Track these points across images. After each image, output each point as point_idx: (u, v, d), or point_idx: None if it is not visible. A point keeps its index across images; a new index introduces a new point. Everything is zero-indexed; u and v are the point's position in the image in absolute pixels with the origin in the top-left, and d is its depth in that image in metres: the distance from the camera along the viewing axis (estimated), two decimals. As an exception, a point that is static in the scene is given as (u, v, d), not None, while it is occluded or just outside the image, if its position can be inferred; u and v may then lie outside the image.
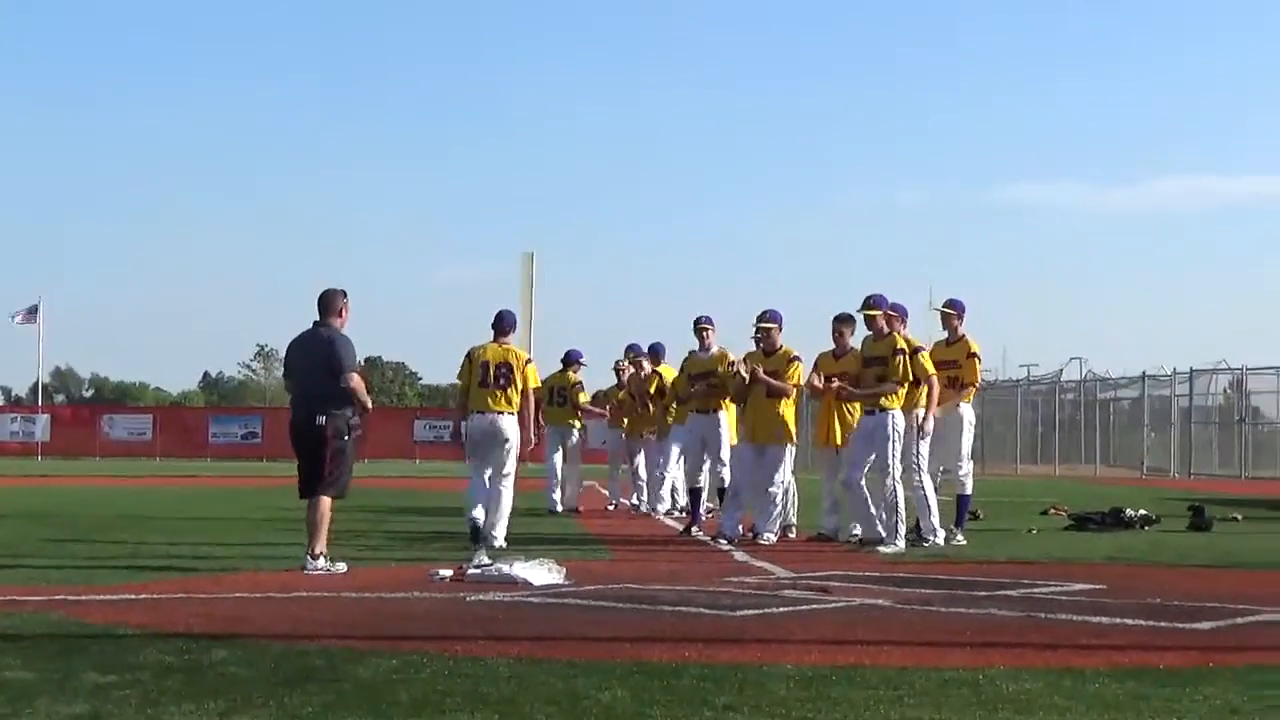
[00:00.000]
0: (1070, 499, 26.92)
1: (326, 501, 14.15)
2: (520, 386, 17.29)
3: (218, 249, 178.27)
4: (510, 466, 17.26)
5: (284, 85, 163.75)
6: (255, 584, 12.83)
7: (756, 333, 18.19)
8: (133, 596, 11.72)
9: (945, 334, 18.20)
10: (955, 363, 17.74)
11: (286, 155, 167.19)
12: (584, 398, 25.12)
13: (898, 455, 17.00)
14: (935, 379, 17.26)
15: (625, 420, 25.20)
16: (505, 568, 12.90)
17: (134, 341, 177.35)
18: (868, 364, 17.36)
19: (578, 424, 24.96)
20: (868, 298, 17.46)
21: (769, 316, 18.14)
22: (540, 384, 18.97)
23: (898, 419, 17.08)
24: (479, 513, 17.20)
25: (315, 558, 13.93)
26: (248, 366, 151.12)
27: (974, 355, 17.85)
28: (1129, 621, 10.23)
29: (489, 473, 17.21)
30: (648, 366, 24.16)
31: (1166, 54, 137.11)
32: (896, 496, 16.95)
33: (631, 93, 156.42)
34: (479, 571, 13.03)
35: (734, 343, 19.51)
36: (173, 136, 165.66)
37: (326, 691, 7.35)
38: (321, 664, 8.21)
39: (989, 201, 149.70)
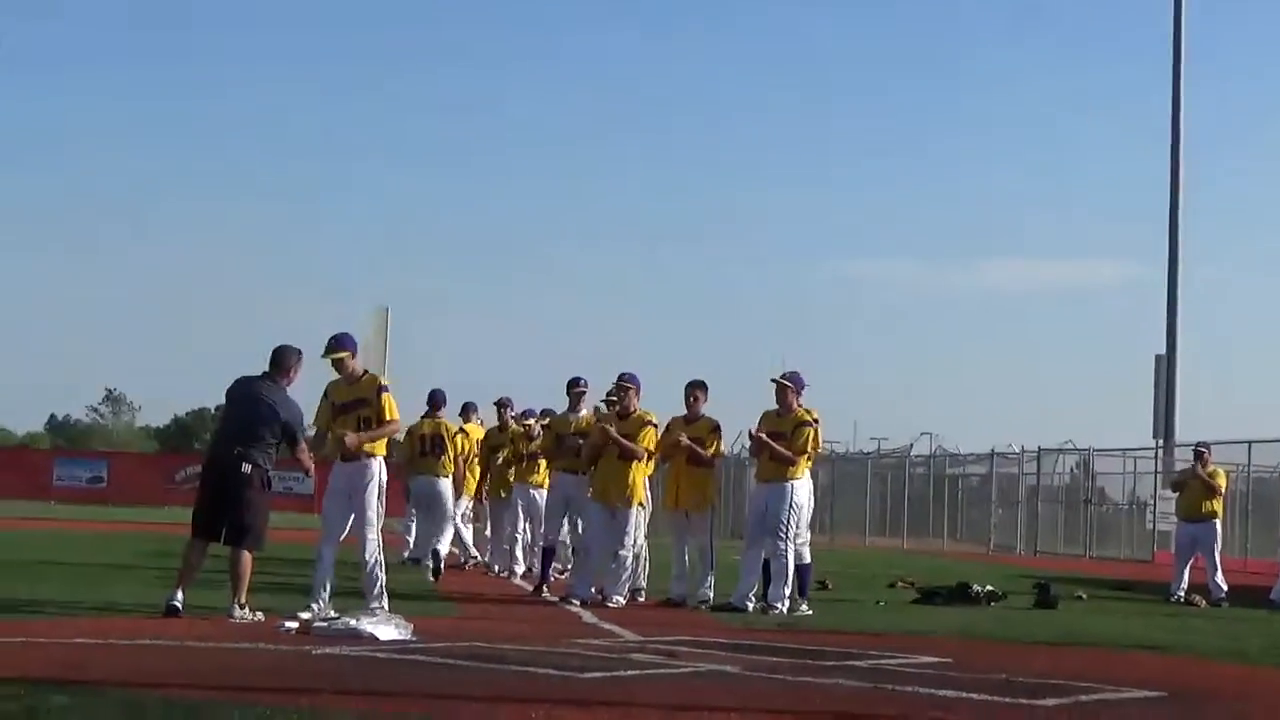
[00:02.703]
0: (918, 572, 27.04)
1: (249, 555, 14.21)
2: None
3: (65, 290, 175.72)
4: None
5: (134, 136, 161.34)
6: (98, 630, 12.63)
7: (613, 393, 18.29)
8: (-30, 639, 11.50)
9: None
10: (784, 434, 17.69)
11: (132, 205, 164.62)
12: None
13: (792, 522, 17.47)
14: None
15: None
16: (352, 622, 12.80)
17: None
18: (772, 437, 17.61)
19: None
20: (785, 373, 17.97)
21: (627, 378, 18.21)
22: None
23: (797, 488, 17.49)
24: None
25: (241, 606, 13.99)
26: (95, 410, 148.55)
27: (805, 424, 17.77)
28: (974, 696, 10.29)
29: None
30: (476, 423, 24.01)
31: (1002, 134, 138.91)
32: (786, 561, 17.32)
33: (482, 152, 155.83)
34: (325, 624, 12.90)
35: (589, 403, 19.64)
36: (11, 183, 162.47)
37: (167, 741, 7.24)
38: (163, 714, 8.09)
39: (832, 275, 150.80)
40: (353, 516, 15.03)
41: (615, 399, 18.30)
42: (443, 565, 21.10)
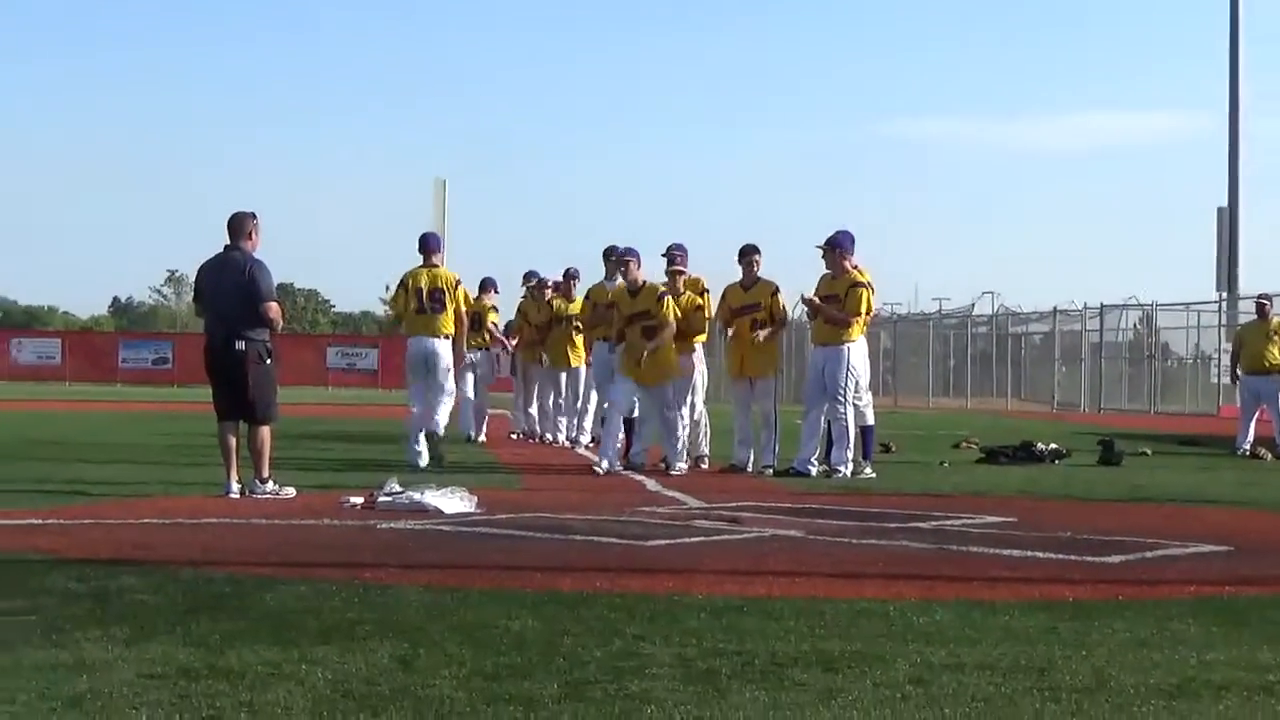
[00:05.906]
0: (982, 432, 27.03)
1: (266, 428, 14.19)
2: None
3: (127, 173, 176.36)
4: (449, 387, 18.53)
5: (186, 18, 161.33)
6: (164, 510, 12.70)
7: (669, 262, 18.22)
8: (39, 521, 11.59)
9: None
10: (839, 296, 17.54)
11: (194, 81, 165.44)
12: (494, 319, 24.98)
13: (850, 385, 17.34)
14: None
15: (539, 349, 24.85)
16: (416, 495, 12.83)
17: (42, 265, 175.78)
18: (826, 300, 17.49)
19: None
20: (830, 236, 17.69)
21: (624, 252, 18.19)
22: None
23: (853, 351, 17.36)
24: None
25: (264, 482, 14.04)
26: (159, 292, 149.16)
27: (858, 285, 17.55)
28: (1039, 554, 10.26)
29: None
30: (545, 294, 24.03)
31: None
32: (847, 424, 17.26)
33: (547, 22, 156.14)
34: (390, 499, 12.94)
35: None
36: (76, 61, 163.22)
37: (234, 619, 7.28)
38: (229, 591, 8.13)
39: (891, 135, 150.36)
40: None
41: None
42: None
